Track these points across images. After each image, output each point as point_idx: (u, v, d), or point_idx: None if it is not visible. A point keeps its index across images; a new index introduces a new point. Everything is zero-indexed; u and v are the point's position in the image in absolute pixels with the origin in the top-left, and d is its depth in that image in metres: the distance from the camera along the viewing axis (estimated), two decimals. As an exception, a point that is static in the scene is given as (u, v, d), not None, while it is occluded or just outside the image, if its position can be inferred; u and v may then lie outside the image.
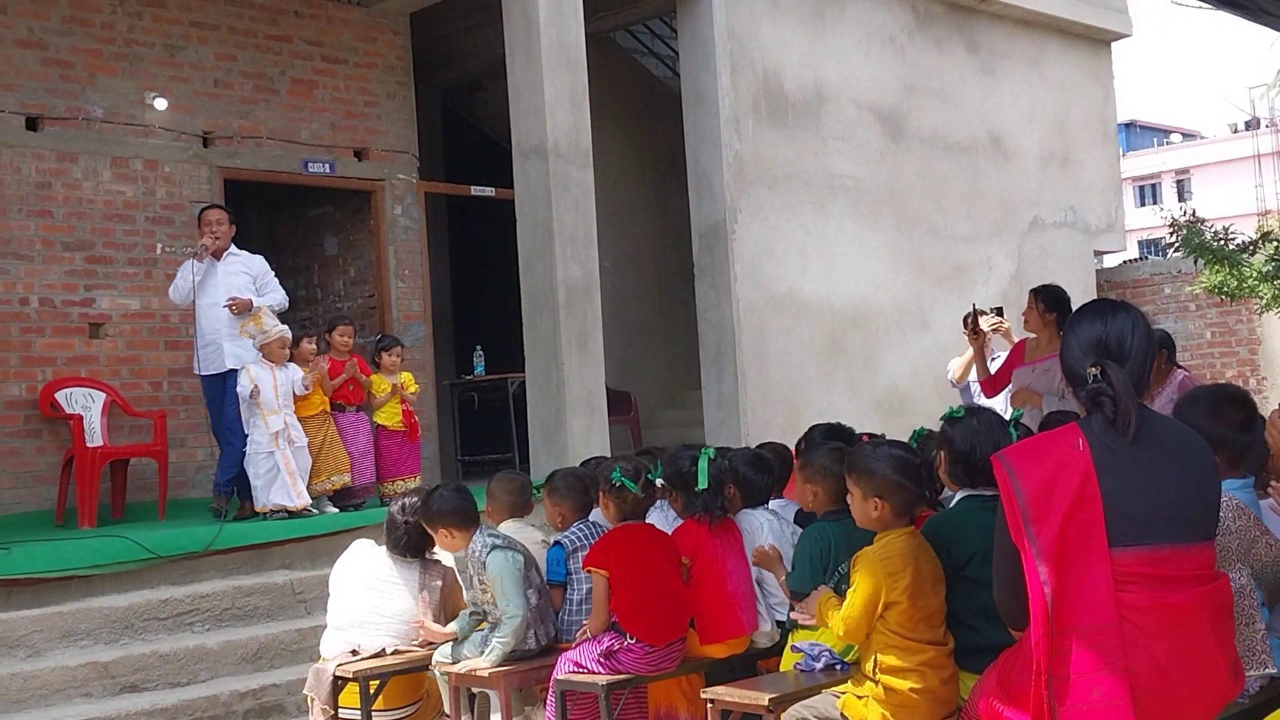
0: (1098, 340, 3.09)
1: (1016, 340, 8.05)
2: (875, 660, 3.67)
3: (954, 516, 3.98)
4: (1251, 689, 3.47)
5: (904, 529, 3.79)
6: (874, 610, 3.66)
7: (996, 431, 4.04)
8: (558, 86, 8.83)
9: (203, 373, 8.16)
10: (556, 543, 5.14)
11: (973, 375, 8.25)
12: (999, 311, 7.96)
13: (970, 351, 8.08)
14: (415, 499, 5.32)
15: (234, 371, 7.95)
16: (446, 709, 5.17)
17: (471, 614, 5.15)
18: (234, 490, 8.04)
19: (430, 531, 5.07)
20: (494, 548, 4.88)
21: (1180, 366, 7.26)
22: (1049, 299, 6.92)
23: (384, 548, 5.33)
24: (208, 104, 9.68)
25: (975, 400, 8.20)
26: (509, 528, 5.30)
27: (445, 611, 5.33)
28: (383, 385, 8.65)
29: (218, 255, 8.14)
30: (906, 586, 3.64)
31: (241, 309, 7.96)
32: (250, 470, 7.79)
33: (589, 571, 4.75)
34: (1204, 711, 3.12)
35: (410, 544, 5.25)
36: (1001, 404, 8.12)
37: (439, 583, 5.27)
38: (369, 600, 5.23)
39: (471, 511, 5.03)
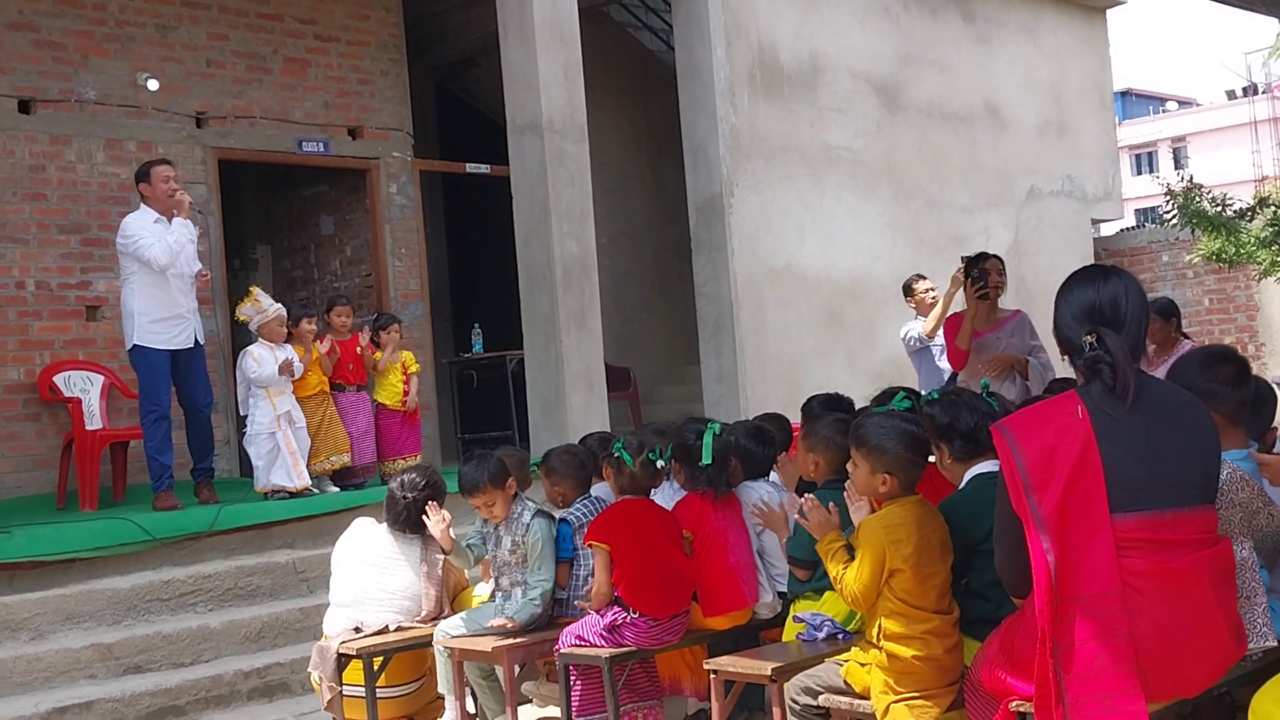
0: (1091, 307, 3.08)
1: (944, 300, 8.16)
2: (880, 626, 3.67)
3: (966, 497, 3.96)
4: (1254, 654, 3.47)
5: (909, 498, 3.79)
6: (880, 577, 3.66)
7: (975, 398, 4.09)
8: (551, 62, 8.79)
9: (164, 348, 7.40)
10: (562, 519, 5.15)
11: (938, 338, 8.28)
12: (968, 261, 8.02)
13: (941, 305, 8.15)
14: (415, 475, 5.35)
15: (199, 347, 7.56)
16: (441, 688, 5.17)
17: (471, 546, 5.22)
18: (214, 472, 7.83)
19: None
20: (537, 512, 5.03)
21: (1187, 337, 7.29)
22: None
23: (384, 525, 5.34)
24: (200, 84, 9.64)
25: (938, 361, 8.22)
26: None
27: (447, 587, 5.34)
28: (384, 360, 8.65)
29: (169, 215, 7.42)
30: (910, 555, 3.63)
31: (208, 283, 7.65)
32: (251, 451, 7.77)
33: (590, 546, 4.76)
34: (1207, 674, 3.13)
35: (409, 520, 5.26)
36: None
37: (439, 557, 5.28)
38: (371, 577, 5.25)
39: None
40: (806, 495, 4.09)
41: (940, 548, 3.71)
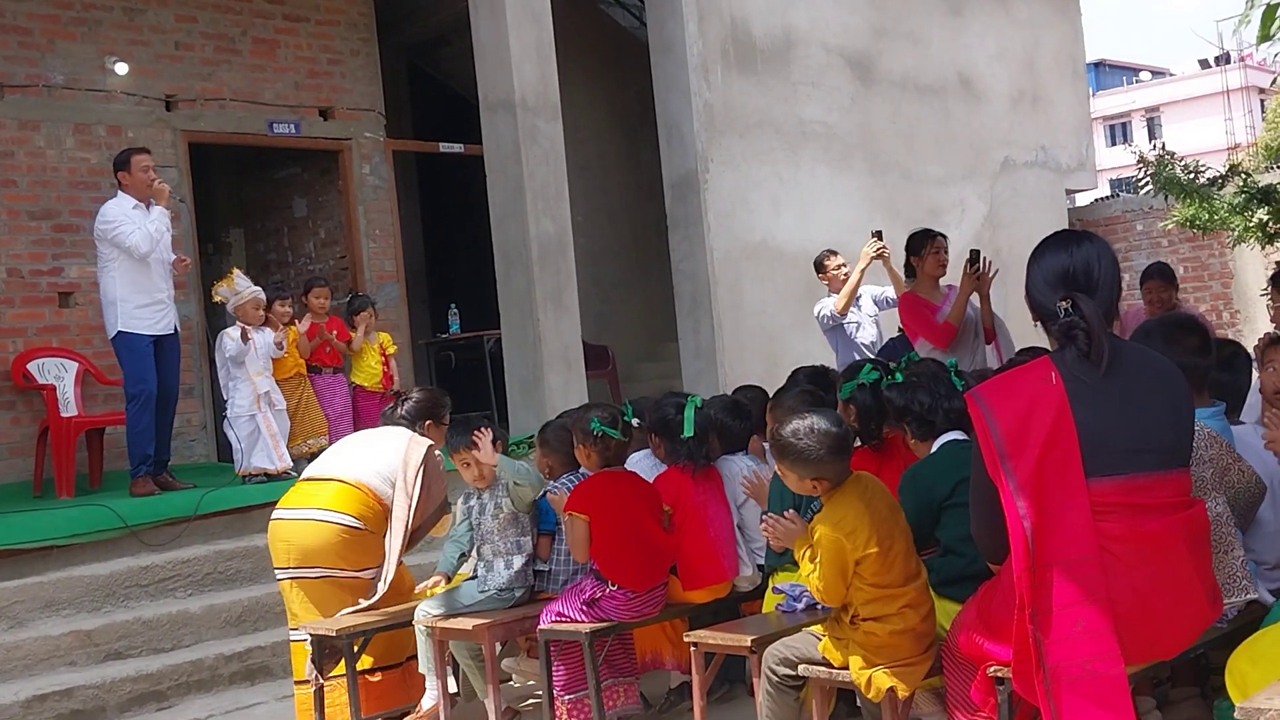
0: (1064, 272, 3.08)
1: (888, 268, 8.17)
2: (855, 612, 3.66)
3: (934, 459, 4.00)
4: (1229, 614, 3.50)
5: (844, 482, 3.71)
6: (845, 571, 3.62)
7: (935, 379, 4.10)
8: (523, 39, 8.74)
9: (148, 333, 7.32)
10: (545, 494, 5.15)
11: (854, 313, 8.20)
12: (879, 235, 8.06)
13: (852, 281, 8.07)
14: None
15: (175, 334, 7.51)
16: (423, 669, 5.17)
17: (460, 556, 5.26)
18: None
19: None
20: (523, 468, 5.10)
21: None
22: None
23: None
24: (169, 67, 9.55)
25: (854, 338, 8.16)
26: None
27: (429, 491, 5.29)
28: (358, 340, 8.65)
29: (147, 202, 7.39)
30: (868, 536, 3.59)
31: (186, 269, 7.63)
32: (231, 434, 7.73)
33: (569, 516, 4.75)
34: (1184, 637, 3.15)
35: (405, 409, 5.52)
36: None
37: (419, 462, 5.26)
38: (357, 440, 5.54)
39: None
40: (766, 514, 3.99)
41: (890, 512, 3.70)
